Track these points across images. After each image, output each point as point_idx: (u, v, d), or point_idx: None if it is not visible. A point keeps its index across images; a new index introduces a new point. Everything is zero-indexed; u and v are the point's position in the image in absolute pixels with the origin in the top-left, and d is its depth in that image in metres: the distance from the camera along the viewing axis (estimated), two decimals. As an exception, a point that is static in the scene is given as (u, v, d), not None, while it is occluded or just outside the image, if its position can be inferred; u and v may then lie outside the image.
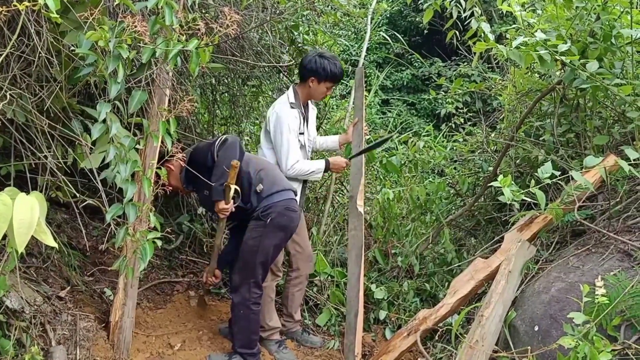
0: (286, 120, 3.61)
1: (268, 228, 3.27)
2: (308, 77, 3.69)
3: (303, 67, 3.71)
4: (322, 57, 3.69)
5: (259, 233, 3.28)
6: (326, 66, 3.65)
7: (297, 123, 3.66)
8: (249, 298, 3.30)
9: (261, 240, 3.27)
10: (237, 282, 3.33)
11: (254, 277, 3.30)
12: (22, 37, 2.42)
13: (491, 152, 4.70)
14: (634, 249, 2.80)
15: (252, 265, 3.28)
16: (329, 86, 3.75)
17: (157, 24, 2.29)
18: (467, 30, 3.49)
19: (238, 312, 3.33)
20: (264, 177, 3.34)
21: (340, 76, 3.77)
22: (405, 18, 10.98)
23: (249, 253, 3.29)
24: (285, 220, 3.32)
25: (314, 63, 3.65)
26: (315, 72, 3.66)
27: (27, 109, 2.51)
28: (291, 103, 3.69)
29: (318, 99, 3.87)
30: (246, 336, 3.36)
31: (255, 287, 3.32)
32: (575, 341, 2.29)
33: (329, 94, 3.86)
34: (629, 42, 3.26)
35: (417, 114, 10.31)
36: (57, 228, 3.67)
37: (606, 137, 3.38)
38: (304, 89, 3.76)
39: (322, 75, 3.67)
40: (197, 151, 3.32)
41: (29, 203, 1.99)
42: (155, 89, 2.90)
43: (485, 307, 2.93)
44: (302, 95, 3.77)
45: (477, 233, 4.51)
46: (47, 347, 2.81)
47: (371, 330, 4.09)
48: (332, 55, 3.78)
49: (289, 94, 3.74)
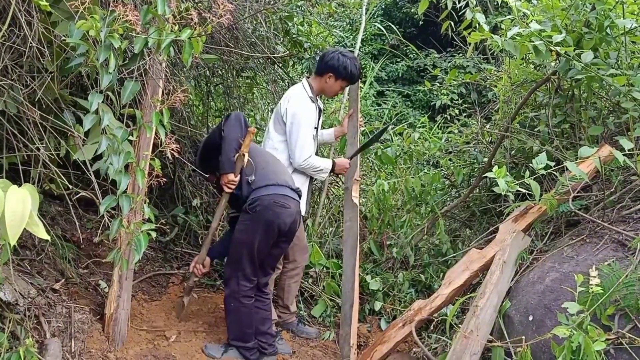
0: (305, 114, 3.60)
1: (254, 221, 3.22)
2: (326, 72, 3.67)
3: (324, 62, 3.67)
4: (344, 55, 3.67)
5: (246, 226, 3.25)
6: (347, 65, 3.64)
7: (314, 118, 3.66)
8: (237, 291, 3.27)
9: (247, 233, 3.23)
10: (227, 274, 3.32)
11: (241, 270, 3.26)
12: (12, 28, 2.39)
13: (486, 143, 4.70)
14: (628, 239, 2.81)
15: (239, 257, 3.26)
16: (344, 85, 3.74)
17: (149, 14, 2.27)
18: (462, 21, 3.48)
19: (228, 304, 3.32)
20: (259, 168, 3.31)
21: (357, 78, 3.77)
22: (401, 9, 10.95)
23: (236, 245, 3.27)
24: (271, 215, 3.20)
25: (335, 60, 3.63)
26: (336, 69, 3.64)
27: (19, 100, 2.49)
28: (310, 97, 3.68)
29: (329, 95, 3.85)
30: (238, 329, 3.34)
31: (245, 280, 3.27)
32: (570, 331, 2.30)
33: (341, 92, 3.83)
34: (623, 33, 3.26)
35: (412, 105, 10.31)
36: (51, 220, 3.66)
37: (601, 128, 3.38)
38: (319, 83, 3.73)
39: (342, 74, 3.66)
40: (210, 134, 3.46)
41: (21, 195, 1.98)
42: (148, 79, 2.88)
43: (480, 297, 2.93)
44: (315, 89, 3.75)
45: (472, 224, 4.51)
46: (41, 339, 2.80)
47: (366, 321, 4.11)
48: (354, 56, 3.76)
49: (306, 88, 3.71)
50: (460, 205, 4.66)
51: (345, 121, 4.03)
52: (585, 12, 3.29)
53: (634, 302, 2.44)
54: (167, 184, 3.52)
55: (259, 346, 3.39)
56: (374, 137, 4.07)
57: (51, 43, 2.46)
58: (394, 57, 10.70)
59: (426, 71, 8.86)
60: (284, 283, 3.86)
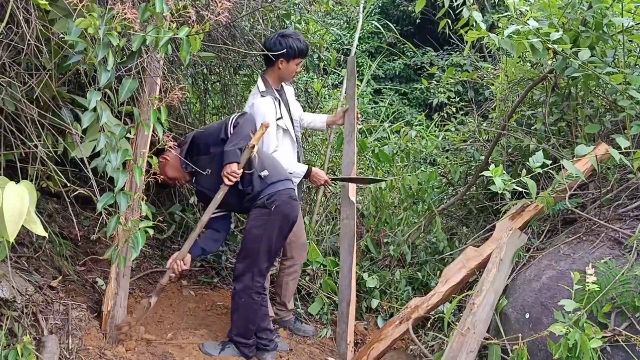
0: (260, 110, 3.55)
1: (272, 216, 3.25)
2: (276, 59, 3.62)
3: (269, 51, 3.60)
4: (284, 36, 3.61)
5: (263, 221, 3.26)
6: (291, 44, 3.59)
7: (273, 110, 3.60)
8: (251, 286, 3.28)
9: (265, 228, 3.25)
10: (241, 270, 3.30)
11: (257, 266, 3.28)
12: (10, 25, 2.39)
13: (483, 142, 4.71)
14: (624, 237, 2.82)
15: (256, 253, 3.27)
16: (298, 62, 3.70)
17: (147, 12, 2.27)
18: (459, 19, 3.48)
19: (239, 299, 3.31)
20: (267, 164, 3.33)
21: (307, 50, 3.72)
22: (398, 7, 10.94)
23: (252, 242, 3.27)
24: (289, 208, 3.32)
25: (278, 44, 3.58)
26: (283, 53, 3.60)
27: (17, 97, 2.49)
28: (261, 92, 3.63)
29: (289, 78, 3.80)
30: (244, 325, 3.35)
31: (259, 276, 3.30)
32: (566, 328, 2.31)
33: (299, 70, 3.82)
34: (620, 31, 3.26)
35: (409, 103, 10.30)
36: (48, 218, 3.65)
37: (597, 126, 3.39)
38: (273, 73, 3.70)
39: (290, 54, 3.61)
40: (208, 130, 3.38)
41: (19, 192, 1.98)
42: (146, 77, 2.88)
43: (477, 295, 2.94)
44: (272, 80, 3.71)
45: (468, 222, 4.52)
46: (39, 336, 2.80)
47: (363, 318, 4.12)
48: (294, 32, 3.73)
49: (259, 85, 3.68)
50: (457, 203, 4.67)
51: (339, 112, 4.01)
52: (582, 10, 3.30)
53: (630, 299, 2.46)
54: (171, 183, 3.52)
55: (259, 343, 3.40)
56: (367, 179, 4.26)
57: (49, 40, 2.46)
58: (391, 55, 10.69)
59: (423, 69, 8.84)
60: (281, 280, 3.86)
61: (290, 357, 3.53)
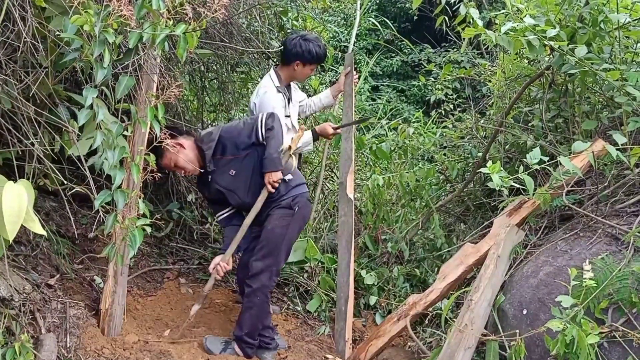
0: (271, 103, 3.57)
1: (295, 217, 3.35)
2: (293, 60, 3.67)
3: (288, 51, 3.66)
4: (306, 40, 3.65)
5: (287, 221, 3.33)
6: (311, 49, 3.63)
7: (283, 107, 3.64)
8: (268, 285, 3.31)
9: (288, 228, 3.33)
10: (260, 268, 3.29)
11: (277, 265, 3.34)
12: (6, 23, 2.38)
13: (480, 138, 4.71)
14: (621, 233, 2.83)
15: (278, 252, 3.31)
16: (313, 67, 3.74)
17: (143, 8, 2.26)
18: (456, 16, 3.48)
19: (254, 298, 3.30)
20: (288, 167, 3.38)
21: (324, 57, 3.75)
22: (395, 4, 10.93)
23: (276, 241, 3.31)
24: (307, 211, 3.51)
25: (299, 47, 3.62)
26: (301, 55, 3.64)
27: (13, 95, 2.48)
28: (277, 87, 3.66)
29: (301, 80, 3.86)
30: (254, 324, 3.34)
31: (275, 275, 3.38)
32: (563, 324, 2.32)
33: (312, 74, 3.85)
34: (617, 27, 3.26)
35: (406, 100, 10.30)
36: (45, 216, 3.65)
37: (594, 122, 3.39)
38: (287, 71, 3.73)
39: (308, 59, 3.65)
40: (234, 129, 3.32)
41: (17, 191, 1.98)
42: (142, 74, 2.87)
43: (475, 291, 2.95)
44: (284, 77, 3.75)
45: (466, 218, 4.53)
46: (37, 335, 2.80)
47: (361, 315, 4.12)
48: (315, 37, 3.76)
49: (273, 78, 3.70)
50: (454, 199, 4.67)
51: (341, 79, 4.00)
52: (579, 6, 3.30)
53: (627, 295, 2.46)
54: (161, 179, 3.50)
55: (262, 341, 3.41)
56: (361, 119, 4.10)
57: (45, 38, 2.45)
58: (389, 52, 10.68)
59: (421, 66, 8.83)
60: None
61: (288, 355, 3.53)
